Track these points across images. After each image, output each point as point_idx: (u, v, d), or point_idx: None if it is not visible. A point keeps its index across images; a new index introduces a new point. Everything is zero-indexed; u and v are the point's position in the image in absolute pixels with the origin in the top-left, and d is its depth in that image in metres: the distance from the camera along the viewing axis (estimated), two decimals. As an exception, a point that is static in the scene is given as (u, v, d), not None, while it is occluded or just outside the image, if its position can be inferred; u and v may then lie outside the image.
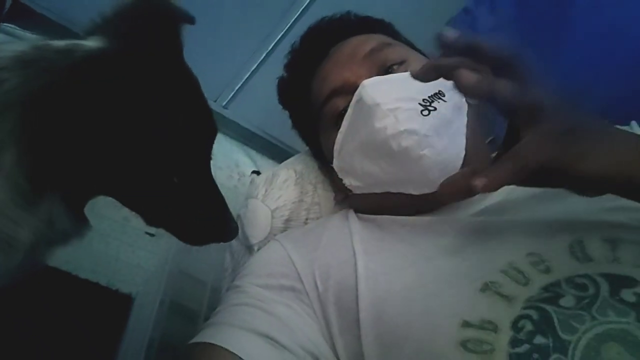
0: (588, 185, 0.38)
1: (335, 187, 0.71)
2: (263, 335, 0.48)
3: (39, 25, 1.77)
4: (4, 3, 1.38)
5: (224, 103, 1.92)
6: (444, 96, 0.56)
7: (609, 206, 0.50)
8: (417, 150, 0.52)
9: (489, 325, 0.42)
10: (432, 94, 0.55)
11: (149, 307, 0.79)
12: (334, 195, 0.72)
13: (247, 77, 1.83)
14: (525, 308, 0.42)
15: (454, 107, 0.57)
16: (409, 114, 0.53)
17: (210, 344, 0.47)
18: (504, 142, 0.43)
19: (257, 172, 1.66)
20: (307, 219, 0.71)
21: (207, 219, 0.48)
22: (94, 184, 0.41)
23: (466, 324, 0.43)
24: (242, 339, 0.47)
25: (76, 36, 0.44)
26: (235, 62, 1.81)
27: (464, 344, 0.42)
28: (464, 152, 0.55)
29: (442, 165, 0.53)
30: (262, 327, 0.49)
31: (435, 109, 0.54)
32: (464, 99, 0.60)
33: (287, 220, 0.70)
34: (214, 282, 0.85)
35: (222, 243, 0.54)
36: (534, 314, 0.42)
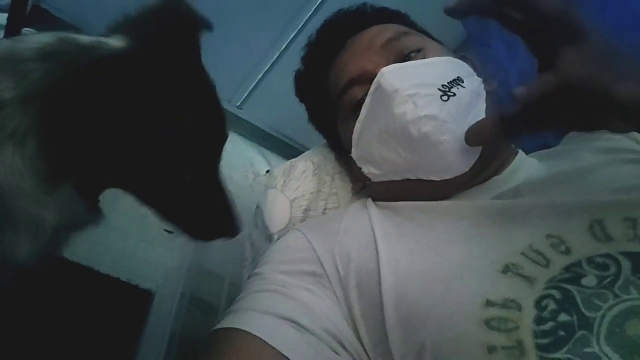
0: (624, 114, 0.37)
1: (354, 177, 0.71)
2: (286, 319, 0.48)
3: (58, 29, 1.80)
4: (25, 8, 1.41)
5: (239, 104, 1.94)
6: (462, 82, 0.56)
7: (628, 185, 0.50)
8: (437, 136, 0.52)
9: (513, 304, 0.42)
10: (452, 80, 0.55)
11: (169, 301, 0.79)
12: (352, 185, 0.72)
13: (261, 78, 1.84)
14: (547, 288, 0.42)
15: (473, 93, 0.56)
16: (428, 100, 0.53)
17: (234, 328, 0.47)
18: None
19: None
20: (325, 209, 0.71)
21: (214, 215, 0.50)
22: (106, 176, 0.43)
23: (489, 304, 0.42)
24: (265, 323, 0.48)
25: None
26: (249, 62, 1.82)
27: (487, 323, 0.41)
28: None
29: (461, 151, 0.53)
30: (285, 311, 0.49)
31: (454, 94, 0.54)
32: (482, 86, 0.60)
33: (306, 210, 0.70)
34: (232, 277, 0.85)
35: (241, 234, 0.54)
36: (556, 294, 0.42)
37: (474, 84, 0.58)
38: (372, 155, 0.60)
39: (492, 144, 0.45)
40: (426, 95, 0.53)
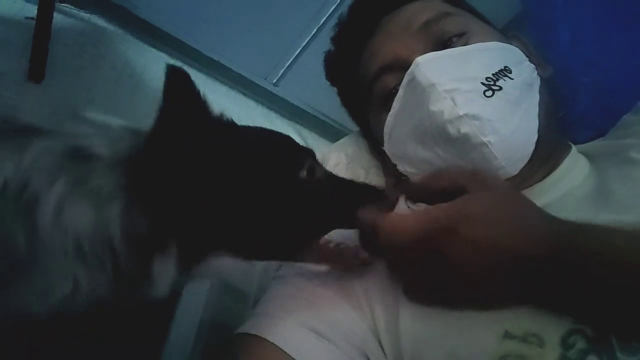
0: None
1: (387, 171, 0.67)
2: (308, 327, 0.47)
3: (93, 4, 1.81)
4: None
5: (275, 80, 1.91)
6: (510, 73, 0.50)
7: None
8: (479, 137, 0.47)
9: (534, 339, 0.38)
10: (497, 70, 0.50)
11: (200, 288, 0.80)
12: (385, 180, 0.68)
13: (298, 54, 1.80)
14: (577, 322, 0.37)
15: (523, 84, 0.51)
16: (469, 96, 0.48)
17: (254, 335, 0.47)
18: None
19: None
20: (356, 207, 0.68)
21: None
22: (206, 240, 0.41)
23: (508, 336, 0.38)
24: (285, 331, 0.46)
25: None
26: (285, 39, 1.78)
27: (503, 359, 0.38)
28: (536, 136, 0.50)
29: (509, 152, 0.48)
30: (307, 319, 0.47)
31: (500, 88, 0.48)
32: (535, 73, 0.54)
33: (336, 208, 0.67)
34: (263, 263, 0.85)
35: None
36: (588, 330, 0.36)
37: (524, 72, 0.52)
38: (406, 153, 0.56)
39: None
40: (467, 91, 0.48)
